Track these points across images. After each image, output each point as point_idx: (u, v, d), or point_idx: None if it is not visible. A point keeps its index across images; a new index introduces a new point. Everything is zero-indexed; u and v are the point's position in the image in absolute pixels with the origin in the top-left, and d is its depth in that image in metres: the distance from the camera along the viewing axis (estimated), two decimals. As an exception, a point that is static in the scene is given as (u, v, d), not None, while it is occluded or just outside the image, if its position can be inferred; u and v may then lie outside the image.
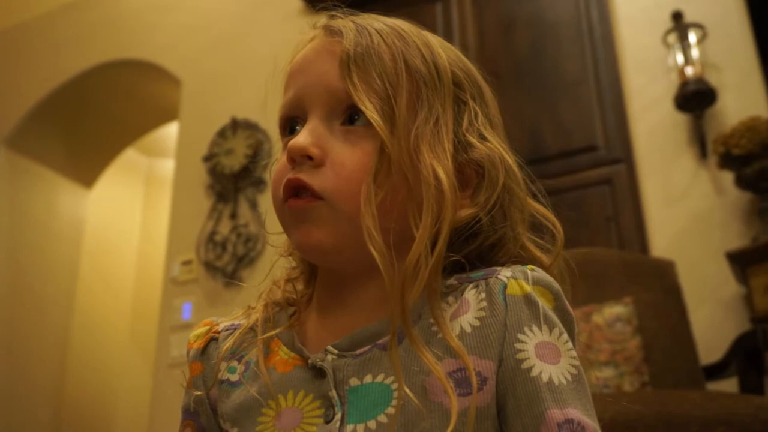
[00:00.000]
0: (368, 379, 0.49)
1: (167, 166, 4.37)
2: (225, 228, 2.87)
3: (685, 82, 2.15)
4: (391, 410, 0.47)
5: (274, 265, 0.64)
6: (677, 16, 2.26)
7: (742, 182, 1.97)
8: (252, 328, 0.57)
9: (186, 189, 3.08)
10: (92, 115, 3.77)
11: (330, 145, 0.51)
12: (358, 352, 0.51)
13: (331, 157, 0.51)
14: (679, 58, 2.20)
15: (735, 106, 2.13)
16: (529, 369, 0.47)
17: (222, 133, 2.98)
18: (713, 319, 1.97)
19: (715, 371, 1.76)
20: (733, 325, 1.90)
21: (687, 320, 1.79)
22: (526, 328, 0.48)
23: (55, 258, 3.73)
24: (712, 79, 2.15)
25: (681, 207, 2.13)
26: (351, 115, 0.52)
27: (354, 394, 0.49)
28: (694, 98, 2.13)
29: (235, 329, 0.59)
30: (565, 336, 0.49)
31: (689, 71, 2.16)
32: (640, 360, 1.65)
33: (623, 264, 1.87)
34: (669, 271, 1.86)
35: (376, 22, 0.55)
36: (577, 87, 2.42)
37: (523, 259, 0.55)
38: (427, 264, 0.48)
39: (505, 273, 0.51)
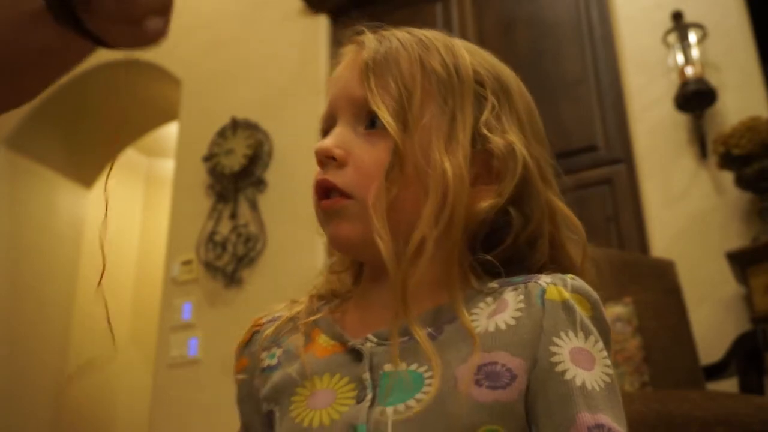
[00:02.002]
0: (402, 366, 0.52)
1: (167, 166, 4.37)
2: (225, 228, 2.87)
3: (685, 82, 2.15)
4: (420, 396, 0.49)
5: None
6: (677, 16, 2.26)
7: (742, 182, 1.97)
8: (292, 319, 0.61)
9: (186, 189, 3.08)
10: (92, 115, 3.77)
11: (352, 146, 0.56)
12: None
13: (353, 157, 0.56)
14: (679, 58, 2.20)
15: (735, 106, 2.13)
16: (563, 372, 0.48)
17: (222, 133, 2.98)
18: (713, 319, 1.96)
19: (715, 371, 1.76)
20: (733, 325, 1.90)
21: (687, 320, 1.79)
22: (562, 333, 0.50)
23: (55, 258, 3.73)
24: (712, 79, 2.15)
25: (681, 207, 2.13)
26: (372, 119, 0.56)
27: (386, 379, 0.52)
28: (694, 98, 2.13)
29: (276, 320, 0.62)
30: (601, 344, 0.51)
31: (689, 71, 2.15)
32: (640, 360, 1.65)
33: (623, 264, 1.87)
34: (669, 271, 1.86)
35: (400, 32, 0.59)
36: (577, 87, 2.43)
37: (558, 257, 0.57)
38: (429, 248, 0.50)
39: (545, 279, 0.53)
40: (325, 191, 0.57)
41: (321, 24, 3.03)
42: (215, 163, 2.94)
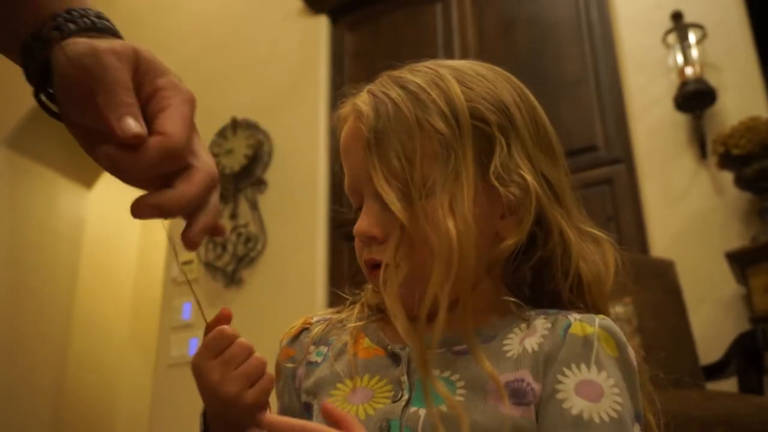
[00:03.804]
0: (437, 373, 0.55)
1: (167, 166, 4.36)
2: (225, 228, 2.87)
3: (684, 82, 2.15)
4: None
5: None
6: (677, 17, 2.26)
7: (741, 182, 1.97)
8: (341, 321, 0.66)
9: (186, 189, 3.07)
10: (92, 115, 3.77)
11: (386, 221, 0.58)
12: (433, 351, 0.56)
13: (390, 232, 0.58)
14: (679, 58, 2.20)
15: (735, 106, 2.13)
16: (562, 401, 0.51)
17: (222, 133, 2.98)
18: (713, 319, 1.96)
19: (715, 371, 1.76)
20: (733, 325, 1.90)
21: (687, 320, 1.79)
22: (573, 365, 0.53)
23: (55, 258, 3.73)
24: (712, 79, 2.15)
25: (681, 207, 2.13)
26: None
27: (422, 384, 0.54)
28: (694, 98, 2.13)
29: (326, 321, 0.67)
30: (613, 381, 0.52)
31: (689, 71, 2.16)
32: (639, 360, 1.65)
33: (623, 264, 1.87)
34: (669, 271, 1.86)
35: (393, 90, 0.59)
36: (577, 87, 2.43)
37: (573, 272, 0.59)
38: (443, 307, 0.52)
39: (575, 315, 0.56)
40: (373, 266, 0.60)
41: (321, 24, 3.03)
42: (215, 163, 2.94)
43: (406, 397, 0.55)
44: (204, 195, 0.46)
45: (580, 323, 0.55)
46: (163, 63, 0.46)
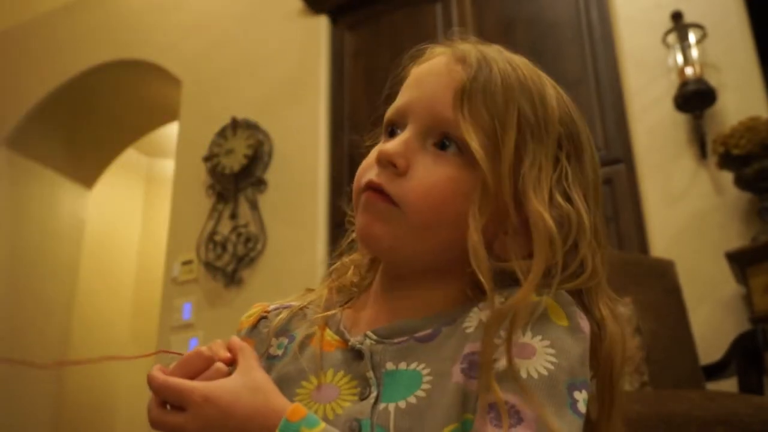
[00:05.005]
0: (403, 365, 0.54)
1: (167, 166, 4.37)
2: (225, 228, 2.87)
3: (684, 82, 2.15)
4: (420, 393, 0.52)
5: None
6: (677, 17, 2.26)
7: (741, 182, 1.97)
8: (302, 309, 0.63)
9: (186, 189, 3.08)
10: (92, 115, 3.77)
11: (417, 158, 0.56)
12: (396, 340, 0.56)
13: (414, 170, 0.55)
14: (679, 58, 2.20)
15: (735, 106, 2.13)
16: (494, 361, 0.50)
17: (222, 133, 2.98)
18: (713, 319, 1.97)
19: (715, 371, 1.76)
20: (733, 325, 1.90)
21: (687, 320, 1.79)
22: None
23: (55, 258, 3.73)
24: (712, 80, 2.15)
25: (681, 207, 2.13)
26: (443, 140, 0.56)
27: (389, 377, 0.54)
28: (694, 98, 2.13)
29: (286, 309, 0.64)
30: (549, 342, 0.50)
31: (689, 71, 2.15)
32: (639, 360, 1.65)
33: (623, 264, 1.87)
34: (669, 271, 1.86)
35: (501, 61, 0.58)
36: (577, 87, 2.42)
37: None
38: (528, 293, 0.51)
39: None
40: (373, 190, 0.56)
41: (321, 24, 3.03)
42: (215, 163, 2.95)
43: (374, 394, 0.53)
44: None
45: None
46: None
